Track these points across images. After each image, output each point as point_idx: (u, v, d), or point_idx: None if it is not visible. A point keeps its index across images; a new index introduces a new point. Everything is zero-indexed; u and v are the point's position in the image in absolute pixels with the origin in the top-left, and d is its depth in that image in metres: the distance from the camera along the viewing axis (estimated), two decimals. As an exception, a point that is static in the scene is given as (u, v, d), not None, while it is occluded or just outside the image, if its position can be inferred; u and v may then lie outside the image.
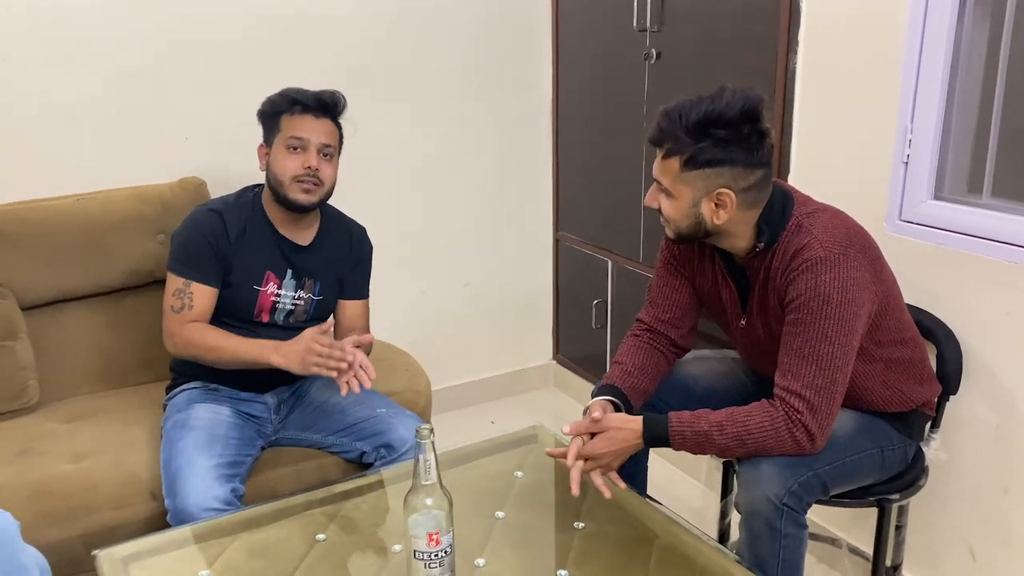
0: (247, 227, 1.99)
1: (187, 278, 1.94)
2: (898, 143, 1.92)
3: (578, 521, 1.65)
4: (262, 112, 2.00)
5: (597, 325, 3.02)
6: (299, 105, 1.95)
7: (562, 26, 2.97)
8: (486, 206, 3.08)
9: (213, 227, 1.95)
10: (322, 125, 1.96)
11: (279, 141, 1.95)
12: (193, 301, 1.94)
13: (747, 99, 1.50)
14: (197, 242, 1.94)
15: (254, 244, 1.99)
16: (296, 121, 1.94)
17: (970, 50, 1.83)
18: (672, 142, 1.53)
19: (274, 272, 2.01)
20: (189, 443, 1.84)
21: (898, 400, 1.70)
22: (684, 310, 1.82)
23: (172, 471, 1.79)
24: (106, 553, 1.56)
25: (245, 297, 1.99)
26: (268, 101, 1.99)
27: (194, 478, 1.75)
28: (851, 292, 1.50)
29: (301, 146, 1.93)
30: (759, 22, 2.20)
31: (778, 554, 1.51)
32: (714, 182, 1.53)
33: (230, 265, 1.97)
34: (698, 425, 1.55)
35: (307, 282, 2.04)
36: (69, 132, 2.36)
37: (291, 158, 1.93)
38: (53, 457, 1.94)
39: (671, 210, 1.59)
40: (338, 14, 2.66)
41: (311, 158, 1.94)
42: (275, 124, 1.96)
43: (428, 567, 1.38)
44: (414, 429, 1.93)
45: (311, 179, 1.94)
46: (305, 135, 1.93)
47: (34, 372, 2.17)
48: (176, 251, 1.97)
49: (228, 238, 1.96)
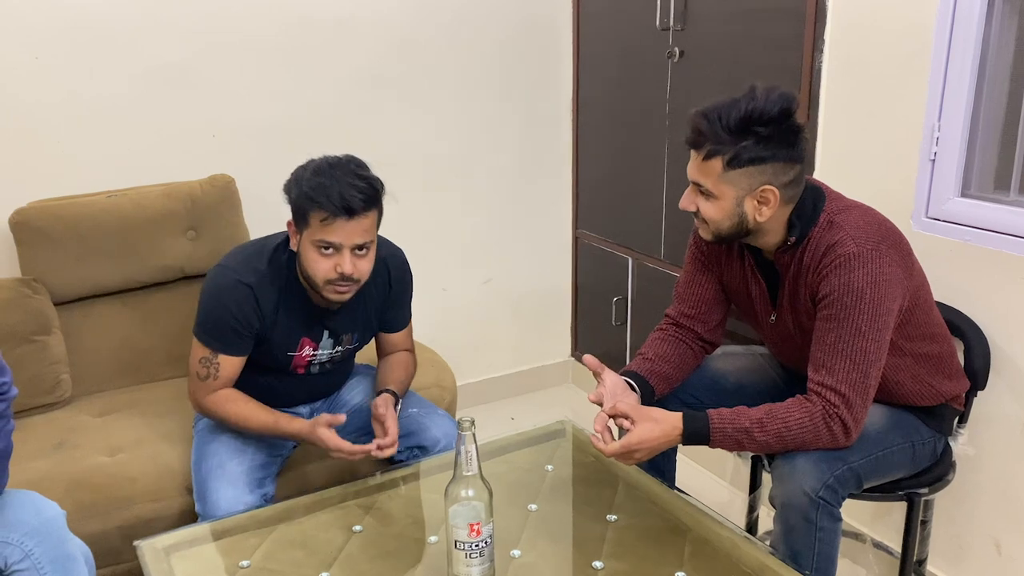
0: (280, 300, 1.85)
1: (214, 350, 1.84)
2: (925, 141, 1.93)
3: (610, 513, 1.67)
4: (292, 192, 1.77)
5: (617, 322, 3.04)
6: (332, 211, 1.70)
7: (584, 25, 2.99)
8: (506, 204, 3.10)
9: (244, 305, 1.81)
10: (356, 225, 1.73)
11: (308, 237, 1.75)
12: (220, 371, 1.85)
13: (783, 96, 1.52)
14: (226, 319, 1.81)
15: (289, 315, 1.86)
16: (325, 225, 1.71)
17: (998, 47, 1.85)
18: (713, 143, 1.54)
19: (310, 337, 1.91)
20: (221, 446, 1.85)
21: (927, 394, 1.72)
22: (711, 305, 1.84)
23: (203, 474, 1.81)
24: (148, 544, 1.59)
25: (280, 359, 1.92)
26: (297, 185, 1.75)
27: (224, 484, 1.76)
28: (883, 288, 1.52)
29: (334, 248, 1.74)
30: (785, 20, 2.21)
31: (813, 547, 1.53)
32: (757, 179, 1.55)
33: (265, 335, 1.86)
34: (738, 422, 1.56)
35: (345, 337, 1.96)
36: (100, 130, 2.39)
37: (323, 260, 1.75)
38: (89, 450, 1.97)
39: (713, 211, 1.60)
40: (365, 15, 2.68)
41: (345, 263, 1.74)
42: (303, 216, 1.74)
43: (469, 557, 1.40)
44: (445, 429, 1.97)
45: (344, 283, 1.77)
46: (338, 240, 1.73)
47: (67, 366, 2.20)
48: (204, 320, 1.84)
49: (260, 314, 1.83)
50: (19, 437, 2.01)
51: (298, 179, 1.77)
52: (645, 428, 1.59)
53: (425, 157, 2.90)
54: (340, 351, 1.98)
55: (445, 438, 1.94)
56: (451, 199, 3.00)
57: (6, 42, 2.24)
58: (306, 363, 1.95)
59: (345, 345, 1.98)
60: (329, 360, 1.98)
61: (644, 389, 1.74)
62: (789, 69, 2.20)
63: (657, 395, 1.77)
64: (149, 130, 2.44)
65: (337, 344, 1.96)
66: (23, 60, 2.27)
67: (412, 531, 1.66)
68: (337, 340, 1.95)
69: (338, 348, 1.97)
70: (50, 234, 2.20)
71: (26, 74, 2.28)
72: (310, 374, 1.99)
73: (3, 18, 2.23)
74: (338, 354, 1.98)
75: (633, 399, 1.70)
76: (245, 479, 1.79)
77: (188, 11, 2.44)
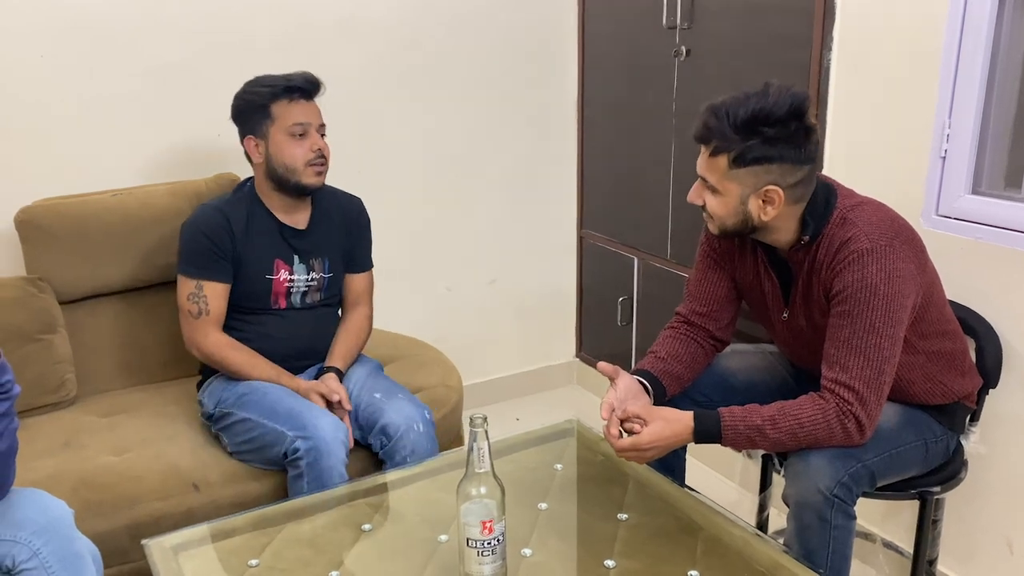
0: (249, 220, 2.03)
1: (199, 279, 1.99)
2: (936, 138, 1.93)
3: (621, 512, 1.66)
4: (246, 104, 2.02)
5: (622, 323, 3.03)
6: (295, 91, 1.99)
7: (589, 24, 2.98)
8: (511, 204, 3.10)
9: (218, 225, 2.00)
10: (313, 106, 2.03)
11: (277, 130, 1.98)
12: (209, 304, 1.99)
13: (794, 96, 1.51)
14: (203, 242, 1.99)
15: (258, 235, 2.04)
16: (294, 108, 1.98)
17: (1009, 44, 1.84)
18: (720, 139, 1.54)
19: (282, 259, 2.06)
20: (283, 393, 1.92)
21: (940, 392, 1.71)
22: (722, 303, 1.83)
23: (292, 413, 1.85)
24: (156, 542, 1.58)
25: (260, 287, 2.04)
26: (251, 92, 2.01)
27: (319, 413, 1.86)
28: (897, 284, 1.51)
29: (304, 131, 1.98)
30: (793, 18, 2.21)
31: (828, 545, 1.52)
32: (762, 179, 1.54)
33: (239, 259, 2.02)
34: (750, 419, 1.55)
35: (314, 262, 2.09)
36: (105, 129, 2.38)
37: (298, 144, 1.98)
38: (95, 450, 1.95)
39: (718, 207, 1.60)
40: (368, 15, 2.68)
41: (317, 140, 2.00)
42: (265, 114, 1.99)
43: (481, 555, 1.39)
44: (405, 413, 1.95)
45: (321, 161, 2.00)
46: (306, 119, 1.99)
47: (72, 366, 2.19)
48: (184, 252, 2.02)
49: (233, 233, 2.01)
50: (25, 437, 2.00)
51: (246, 92, 2.02)
52: (657, 427, 1.59)
53: (429, 157, 2.89)
54: (315, 279, 2.10)
55: (405, 421, 1.94)
56: (455, 199, 2.99)
57: (12, 41, 2.24)
58: (285, 290, 2.05)
59: (317, 272, 2.09)
60: (307, 291, 2.08)
61: (657, 389, 1.73)
62: (797, 67, 2.19)
63: (669, 395, 1.76)
64: (154, 129, 2.43)
65: (309, 270, 2.09)
66: (29, 59, 2.26)
67: (422, 530, 1.65)
68: (308, 265, 2.09)
69: (311, 275, 2.09)
70: (55, 233, 2.19)
71: (31, 73, 2.27)
72: (292, 307, 2.08)
73: (8, 17, 2.22)
74: (313, 282, 2.09)
75: (645, 400, 1.69)
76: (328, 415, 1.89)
77: (192, 10, 2.43)
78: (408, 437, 1.92)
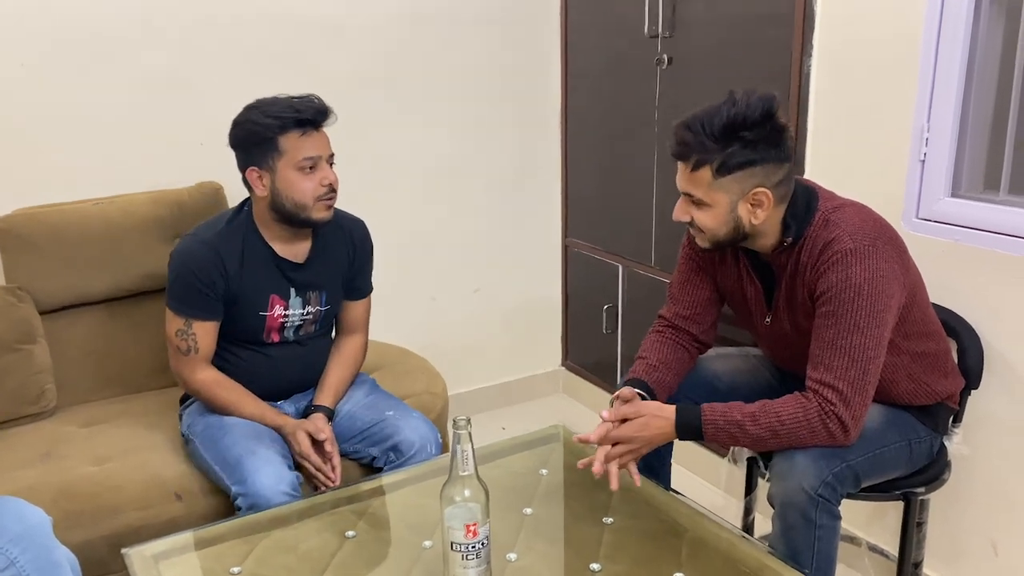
0: (244, 254, 1.91)
1: (187, 317, 1.90)
2: (915, 142, 1.94)
3: (606, 516, 1.65)
4: (249, 135, 1.85)
5: (608, 330, 3.03)
6: (306, 124, 1.84)
7: (572, 34, 3.00)
8: (495, 212, 3.10)
9: (210, 264, 1.88)
10: (323, 136, 1.88)
11: (286, 164, 1.84)
12: (198, 341, 1.90)
13: (764, 99, 1.53)
14: (193, 282, 1.88)
15: (254, 271, 1.92)
16: (305, 142, 1.84)
17: (986, 48, 1.86)
18: (700, 152, 1.54)
19: (278, 294, 1.95)
20: (239, 435, 1.84)
21: (923, 393, 1.71)
22: (705, 306, 1.83)
23: (233, 461, 1.79)
24: (137, 551, 1.56)
25: (252, 324, 1.95)
26: (255, 123, 1.84)
27: (262, 463, 1.77)
28: (881, 284, 1.52)
29: (314, 164, 1.85)
30: (773, 26, 2.22)
31: (813, 545, 1.52)
32: (748, 183, 1.55)
33: (232, 298, 1.91)
34: (731, 415, 1.56)
35: (311, 295, 2.00)
36: (87, 137, 2.37)
37: (308, 179, 1.85)
38: (76, 460, 1.93)
39: (707, 220, 1.60)
40: (353, 22, 2.68)
41: (329, 174, 1.88)
42: (272, 147, 1.84)
43: (465, 559, 1.38)
44: (421, 432, 1.95)
45: (331, 195, 1.89)
46: (316, 152, 1.85)
47: (52, 376, 2.17)
48: (174, 289, 1.91)
49: (226, 272, 1.89)
50: (4, 447, 1.99)
51: (250, 122, 1.85)
52: (638, 422, 1.60)
53: (413, 166, 2.89)
54: (310, 312, 2.00)
55: (420, 440, 1.94)
56: (440, 208, 2.99)
57: (-9, 49, 2.23)
58: (279, 325, 1.97)
59: (314, 305, 2.00)
60: (302, 324, 2.00)
61: (651, 398, 1.72)
62: (778, 73, 2.21)
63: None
64: (136, 137, 2.42)
65: (306, 303, 1.99)
66: (8, 67, 2.25)
67: (406, 536, 1.64)
68: (305, 299, 1.99)
69: (307, 308, 1.99)
70: (36, 242, 2.17)
71: (12, 81, 2.26)
72: (285, 341, 2.00)
73: (-12, 25, 2.21)
74: (309, 316, 2.00)
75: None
76: (278, 460, 1.80)
77: (174, 19, 2.42)
78: (419, 457, 1.91)
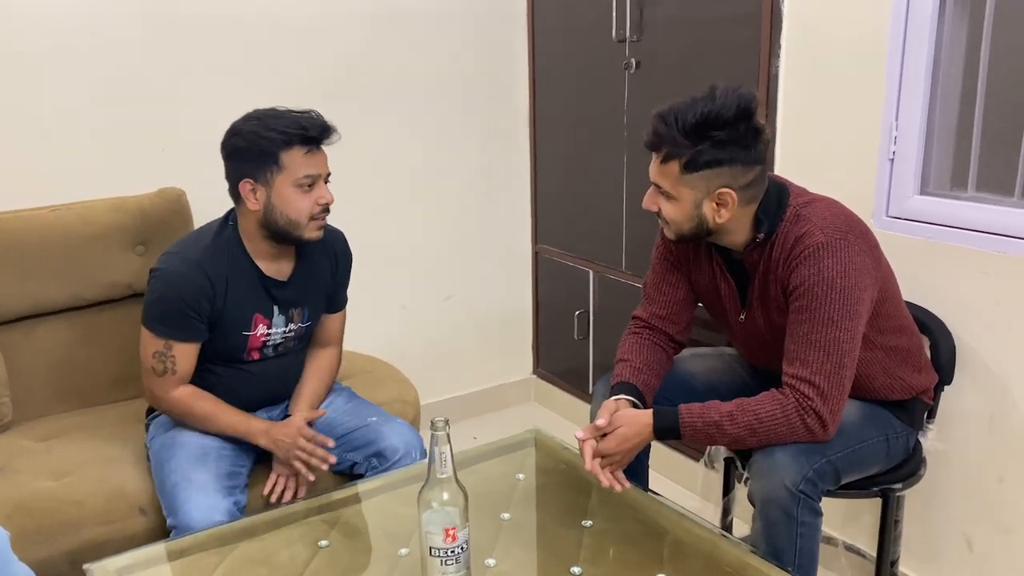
0: (231, 274, 1.84)
1: (168, 339, 1.80)
2: (884, 140, 1.96)
3: (585, 519, 1.63)
4: (250, 147, 1.77)
5: (579, 336, 3.02)
6: (310, 142, 1.78)
7: (539, 39, 2.99)
8: (465, 220, 3.07)
9: (196, 286, 1.79)
10: (323, 155, 1.82)
11: (284, 181, 1.77)
12: (176, 364, 1.82)
13: (741, 98, 1.52)
14: (178, 304, 1.79)
15: (239, 291, 1.85)
16: (307, 159, 1.77)
17: (951, 47, 1.89)
18: (670, 146, 1.54)
19: (262, 313, 1.89)
20: (182, 460, 1.77)
21: (899, 388, 1.72)
22: (681, 306, 1.82)
23: (168, 490, 1.73)
24: (99, 566, 1.50)
25: (234, 343, 1.89)
26: (258, 136, 1.76)
27: (194, 493, 1.69)
28: (854, 276, 1.52)
29: (312, 183, 1.79)
30: (740, 27, 2.23)
31: (795, 543, 1.50)
32: (714, 183, 1.54)
33: (217, 319, 1.84)
34: (708, 415, 1.55)
35: (294, 312, 1.94)
36: (45, 143, 2.30)
37: (305, 197, 1.78)
38: (32, 474, 1.86)
39: (673, 213, 1.59)
40: (318, 26, 2.64)
41: (326, 193, 1.81)
42: (272, 161, 1.76)
43: (444, 564, 1.34)
44: (405, 438, 1.92)
45: (324, 214, 1.83)
46: (317, 171, 1.79)
47: (7, 389, 2.09)
48: (155, 309, 1.81)
49: (214, 295, 1.81)
50: (-44, 462, 1.91)
51: (253, 133, 1.76)
52: (619, 434, 1.59)
53: (380, 174, 2.85)
54: (292, 330, 1.95)
55: (405, 446, 1.90)
56: (409, 215, 2.95)
57: (-58, 52, 2.16)
58: (260, 344, 1.91)
59: (296, 322, 1.95)
60: (283, 341, 1.95)
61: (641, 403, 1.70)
62: (746, 75, 2.22)
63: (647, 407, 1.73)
64: (95, 143, 2.35)
65: (288, 321, 1.94)
66: (-39, 71, 2.18)
67: (381, 544, 1.60)
68: (288, 316, 1.93)
69: (290, 326, 1.94)
70: (-11, 250, 2.09)
71: (-36, 85, 2.19)
72: (265, 358, 1.94)
73: (-61, 27, 2.14)
74: (290, 333, 1.95)
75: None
76: (214, 485, 1.72)
77: (135, 23, 2.37)
78: (404, 463, 1.88)
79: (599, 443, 1.60)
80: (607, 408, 1.65)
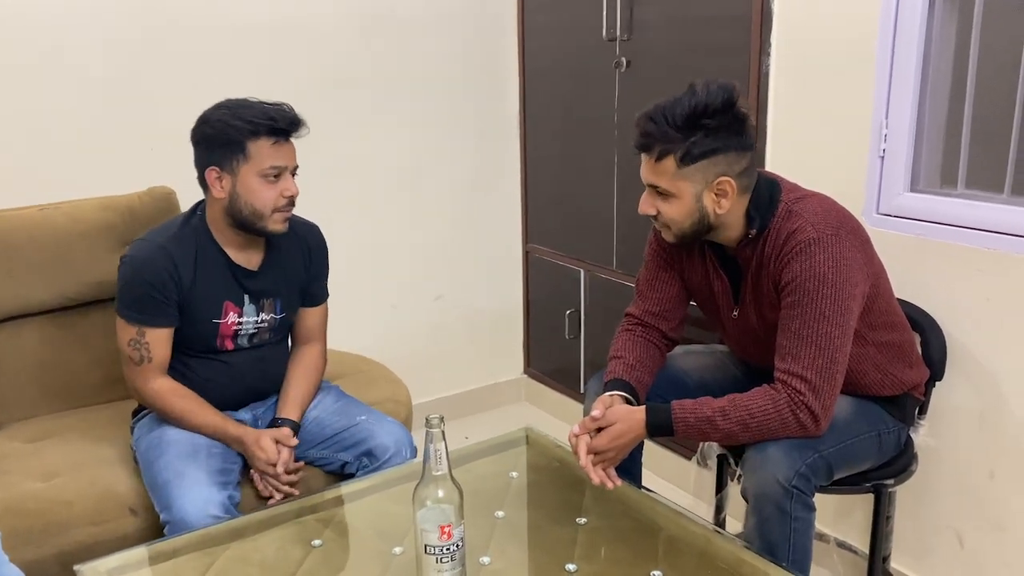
0: (198, 259, 1.85)
1: (140, 325, 1.82)
2: (874, 138, 1.97)
3: (579, 516, 1.63)
4: (217, 134, 1.78)
5: (570, 336, 3.02)
6: (278, 133, 1.78)
7: (529, 39, 2.99)
8: (456, 219, 3.07)
9: (163, 269, 1.80)
10: (290, 147, 1.83)
11: (249, 170, 1.77)
12: (151, 351, 1.83)
13: (724, 88, 1.54)
14: (145, 288, 1.80)
15: (208, 277, 1.86)
16: (273, 150, 1.78)
17: (940, 45, 1.90)
18: (663, 143, 1.54)
19: (232, 301, 1.89)
20: (172, 457, 1.76)
21: (890, 383, 1.72)
22: (674, 303, 1.82)
23: (160, 486, 1.71)
24: (90, 567, 1.49)
25: (206, 331, 1.88)
26: (225, 124, 1.77)
27: (187, 487, 1.68)
28: (845, 272, 1.53)
29: (278, 174, 1.80)
30: (730, 27, 2.24)
31: (789, 538, 1.51)
32: (712, 172, 1.55)
33: (185, 304, 1.85)
34: (701, 411, 1.55)
35: (266, 303, 1.93)
36: (33, 142, 2.28)
37: (270, 188, 1.79)
38: (20, 476, 1.84)
39: (673, 211, 1.59)
40: (307, 25, 2.64)
41: (291, 186, 1.82)
42: (239, 150, 1.77)
43: (440, 561, 1.34)
44: (396, 436, 1.91)
45: (289, 207, 1.83)
46: (283, 163, 1.79)
47: (-6, 391, 2.07)
48: (124, 296, 1.83)
49: (179, 277, 1.82)
50: (-57, 465, 1.88)
51: (220, 121, 1.77)
52: (613, 431, 1.59)
53: (371, 173, 2.85)
54: (265, 320, 1.94)
55: (395, 445, 1.90)
56: (400, 215, 2.95)
57: (-72, 50, 2.14)
58: (232, 332, 1.90)
59: (268, 312, 1.94)
60: (256, 332, 1.94)
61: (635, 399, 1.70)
62: (736, 74, 2.22)
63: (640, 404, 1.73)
64: (84, 142, 2.34)
65: (260, 310, 1.93)
66: (-53, 69, 2.17)
67: (375, 543, 1.59)
68: (259, 306, 1.93)
69: (262, 315, 1.93)
70: (-24, 250, 2.07)
71: (-50, 84, 2.18)
72: (239, 348, 1.93)
73: (-75, 25, 2.13)
74: (263, 323, 1.94)
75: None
76: (207, 480, 1.71)
77: (123, 23, 2.36)
78: (395, 462, 1.87)
79: (592, 440, 1.60)
80: (602, 402, 1.65)
